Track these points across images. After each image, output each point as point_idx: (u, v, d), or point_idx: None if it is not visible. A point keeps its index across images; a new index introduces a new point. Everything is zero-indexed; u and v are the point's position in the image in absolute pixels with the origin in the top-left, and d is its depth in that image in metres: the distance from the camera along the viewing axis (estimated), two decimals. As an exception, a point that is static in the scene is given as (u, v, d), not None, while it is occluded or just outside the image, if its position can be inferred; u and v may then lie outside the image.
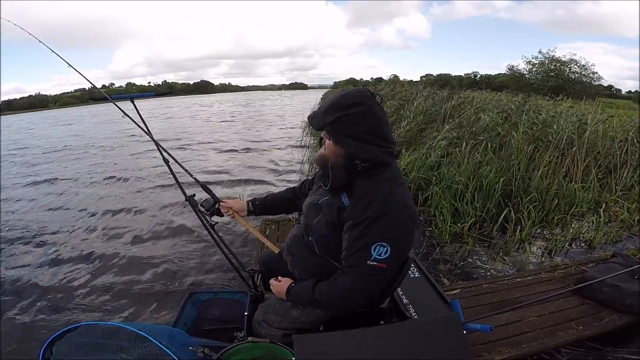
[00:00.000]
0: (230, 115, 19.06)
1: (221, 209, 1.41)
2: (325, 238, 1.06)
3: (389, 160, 1.00)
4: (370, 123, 0.95)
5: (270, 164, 6.30)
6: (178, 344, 0.93)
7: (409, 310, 1.38)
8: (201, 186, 1.49)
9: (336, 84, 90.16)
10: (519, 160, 3.73)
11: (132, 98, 1.59)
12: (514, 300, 1.87)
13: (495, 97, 7.21)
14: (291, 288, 1.14)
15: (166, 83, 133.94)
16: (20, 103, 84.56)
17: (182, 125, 15.06)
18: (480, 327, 1.14)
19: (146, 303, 2.27)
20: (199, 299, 1.55)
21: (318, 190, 1.15)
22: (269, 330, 1.18)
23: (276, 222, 2.92)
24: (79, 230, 3.58)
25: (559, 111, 4.74)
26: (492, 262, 2.60)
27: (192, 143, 9.33)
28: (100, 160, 7.59)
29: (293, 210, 1.44)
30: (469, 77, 45.59)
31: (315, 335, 1.09)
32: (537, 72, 27.04)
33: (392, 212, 0.94)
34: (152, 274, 2.62)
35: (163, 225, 3.55)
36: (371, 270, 0.95)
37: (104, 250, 3.05)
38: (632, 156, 3.92)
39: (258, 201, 1.43)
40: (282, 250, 1.30)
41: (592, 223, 3.03)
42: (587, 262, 2.30)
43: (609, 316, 1.72)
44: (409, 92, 8.70)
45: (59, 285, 2.52)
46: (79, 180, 5.81)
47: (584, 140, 3.96)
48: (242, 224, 1.42)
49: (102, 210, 4.14)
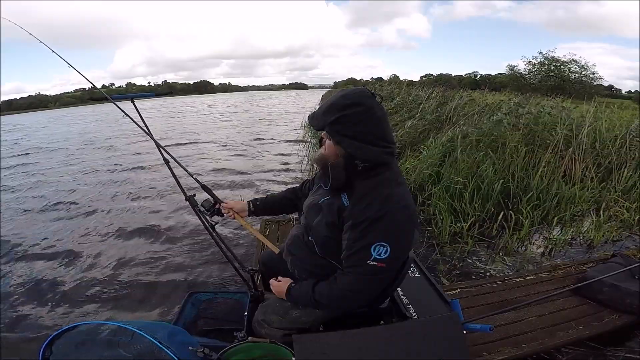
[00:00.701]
0: (231, 115, 19.09)
1: (222, 210, 1.41)
2: (325, 238, 1.06)
3: (389, 161, 1.00)
4: (370, 123, 0.95)
5: (270, 164, 6.31)
6: (178, 343, 0.93)
7: (409, 310, 1.38)
8: (202, 187, 1.49)
9: (336, 84, 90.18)
10: (517, 161, 3.73)
11: (132, 98, 1.60)
12: (514, 300, 1.87)
13: (497, 97, 7.19)
14: (291, 288, 1.14)
15: (166, 83, 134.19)
16: (20, 103, 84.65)
17: (183, 123, 15.15)
18: (480, 327, 1.14)
19: (146, 303, 2.27)
20: (199, 299, 1.55)
21: (318, 191, 1.15)
22: (269, 330, 1.17)
23: (276, 222, 2.92)
24: (79, 230, 3.57)
25: (555, 113, 4.73)
26: (491, 262, 2.60)
27: (192, 142, 9.37)
28: (100, 159, 7.61)
29: (293, 211, 1.44)
30: (469, 77, 45.61)
31: (315, 335, 1.09)
32: (538, 72, 27.04)
33: (392, 213, 0.94)
34: (152, 274, 2.62)
35: (163, 225, 3.55)
36: (371, 270, 0.95)
37: (104, 250, 3.05)
38: (632, 155, 3.91)
39: (259, 202, 1.43)
40: (282, 251, 1.30)
41: (592, 223, 3.03)
42: (587, 262, 2.30)
43: (609, 316, 1.72)
44: (411, 94, 8.58)
45: (58, 285, 2.52)
46: (81, 179, 5.82)
47: (580, 140, 3.96)
48: (242, 224, 1.42)
49: (102, 210, 4.14)
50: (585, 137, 3.99)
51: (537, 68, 27.17)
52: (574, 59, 25.76)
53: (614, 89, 37.14)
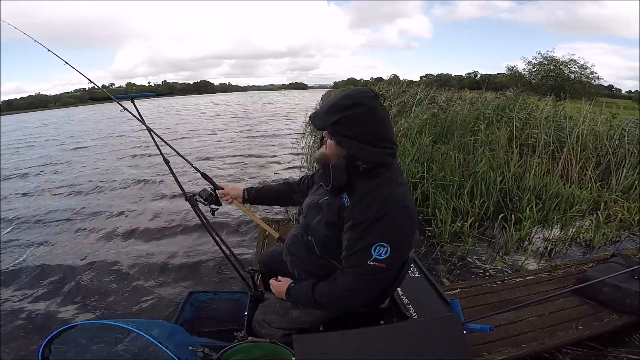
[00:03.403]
0: (231, 115, 19.14)
1: (219, 197, 1.44)
2: (325, 238, 1.06)
3: (390, 161, 1.00)
4: (372, 124, 0.94)
5: (270, 164, 6.31)
6: (177, 342, 0.93)
7: (409, 310, 1.38)
8: (200, 174, 1.51)
9: (336, 84, 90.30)
10: (513, 160, 3.75)
11: (132, 98, 1.60)
12: (514, 300, 1.87)
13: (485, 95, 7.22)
14: (291, 288, 1.14)
15: (166, 83, 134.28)
16: (20, 103, 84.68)
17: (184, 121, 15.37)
18: (480, 327, 1.14)
19: (146, 303, 2.26)
20: (199, 299, 1.55)
21: (318, 190, 1.15)
22: (269, 330, 1.17)
23: (276, 222, 2.92)
24: (80, 229, 3.57)
25: (547, 112, 4.76)
26: (492, 261, 2.60)
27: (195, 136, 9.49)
28: (100, 158, 7.61)
29: (288, 204, 1.47)
30: (469, 77, 45.62)
31: (315, 335, 1.09)
32: (537, 72, 27.03)
33: (392, 213, 0.94)
34: (152, 274, 2.62)
35: (163, 225, 3.55)
36: (371, 270, 0.95)
37: (104, 250, 3.05)
38: (631, 155, 3.91)
39: (254, 190, 1.46)
40: (282, 250, 1.30)
41: (592, 223, 3.03)
42: (587, 262, 2.30)
43: (609, 316, 1.72)
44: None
45: (58, 285, 2.52)
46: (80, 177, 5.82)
47: (572, 140, 3.96)
48: (241, 209, 1.46)
49: (102, 209, 4.14)
50: (577, 136, 4.00)
51: (537, 68, 27.16)
52: (572, 59, 25.77)
53: (614, 89, 37.20)
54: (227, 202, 1.46)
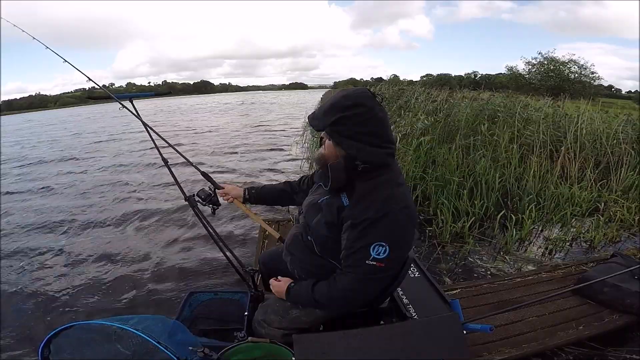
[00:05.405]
0: (232, 116, 19.15)
1: (219, 196, 1.44)
2: (325, 238, 1.06)
3: (390, 162, 1.00)
4: (371, 124, 0.94)
5: (270, 163, 6.31)
6: (177, 342, 0.93)
7: (409, 310, 1.38)
8: (201, 173, 1.51)
9: (336, 84, 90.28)
10: (513, 160, 3.74)
11: (131, 98, 1.59)
12: (514, 300, 1.87)
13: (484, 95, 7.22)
14: (291, 288, 1.14)
15: (166, 83, 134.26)
16: (20, 103, 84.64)
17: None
18: (480, 327, 1.14)
19: (146, 302, 2.27)
20: (199, 299, 1.54)
21: (318, 190, 1.14)
22: (269, 330, 1.17)
23: (276, 222, 2.92)
24: (80, 228, 3.57)
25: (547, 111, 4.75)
26: (492, 261, 2.60)
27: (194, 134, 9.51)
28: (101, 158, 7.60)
29: (288, 204, 1.47)
30: (469, 77, 45.58)
31: (315, 335, 1.09)
32: (537, 72, 27.03)
33: (391, 213, 0.94)
34: (152, 274, 2.62)
35: (163, 225, 3.55)
36: (370, 269, 0.95)
37: (104, 250, 3.04)
38: (630, 155, 3.90)
39: (254, 190, 1.46)
40: (282, 250, 1.30)
41: (592, 223, 3.03)
42: (587, 262, 2.30)
43: (609, 316, 1.72)
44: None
45: (58, 284, 2.52)
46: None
47: (569, 140, 3.96)
48: (241, 209, 1.46)
49: (102, 209, 4.14)
50: (574, 135, 3.99)
51: (537, 68, 27.16)
52: (572, 59, 25.77)
53: (613, 89, 37.18)
54: (228, 201, 1.46)
